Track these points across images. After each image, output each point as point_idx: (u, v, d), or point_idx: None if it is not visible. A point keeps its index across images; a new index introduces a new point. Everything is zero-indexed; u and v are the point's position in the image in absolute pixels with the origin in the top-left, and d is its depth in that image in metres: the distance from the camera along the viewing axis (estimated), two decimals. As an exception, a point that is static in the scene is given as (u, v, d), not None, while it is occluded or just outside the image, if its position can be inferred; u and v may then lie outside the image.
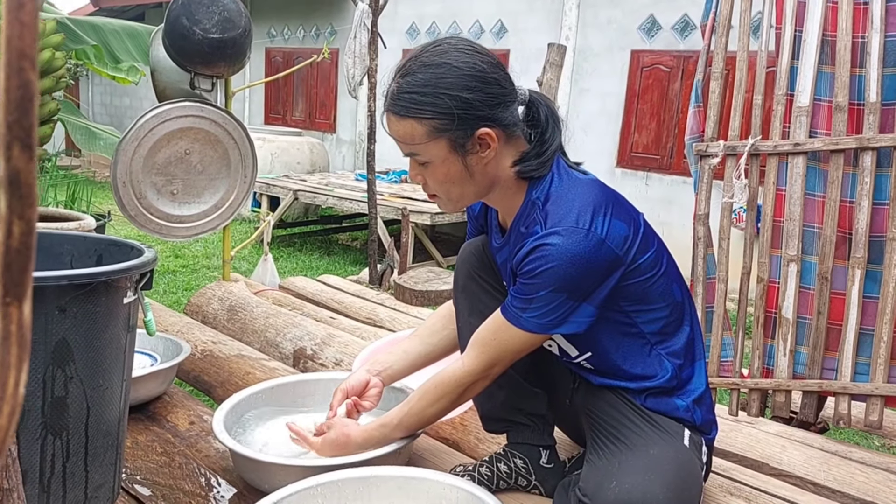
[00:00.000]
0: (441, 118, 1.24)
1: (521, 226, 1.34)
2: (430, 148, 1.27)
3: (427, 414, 1.47)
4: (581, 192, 1.29)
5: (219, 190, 2.83)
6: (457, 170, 1.29)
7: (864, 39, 2.04)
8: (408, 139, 1.28)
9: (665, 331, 1.39)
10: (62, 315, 1.20)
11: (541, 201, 1.31)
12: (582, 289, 1.25)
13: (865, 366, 2.10)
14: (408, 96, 1.25)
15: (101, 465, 1.34)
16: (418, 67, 1.26)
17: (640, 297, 1.34)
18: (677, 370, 1.40)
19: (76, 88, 13.15)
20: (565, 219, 1.25)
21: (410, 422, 1.48)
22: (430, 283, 4.05)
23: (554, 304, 1.26)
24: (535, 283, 1.25)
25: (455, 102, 1.24)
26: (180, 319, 2.64)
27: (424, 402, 1.46)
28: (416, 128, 1.26)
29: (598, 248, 1.23)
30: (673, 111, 6.62)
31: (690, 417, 1.40)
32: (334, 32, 9.43)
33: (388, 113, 1.29)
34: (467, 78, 1.25)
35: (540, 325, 1.29)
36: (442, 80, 1.24)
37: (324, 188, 6.92)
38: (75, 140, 4.83)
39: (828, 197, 2.10)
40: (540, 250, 1.24)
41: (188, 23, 2.51)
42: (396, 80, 1.28)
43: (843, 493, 1.74)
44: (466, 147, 1.27)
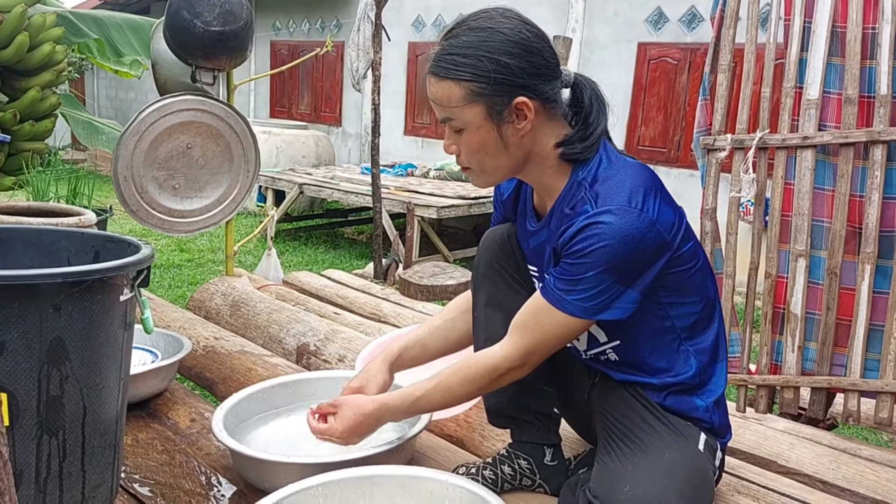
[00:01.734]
0: (479, 81, 1.23)
1: (566, 207, 1.31)
2: (466, 112, 1.26)
3: (456, 393, 1.40)
4: (631, 174, 1.28)
5: (221, 184, 2.82)
6: (491, 139, 1.28)
7: (874, 31, 2.00)
8: (445, 101, 1.27)
9: (696, 327, 1.38)
10: (57, 313, 1.18)
11: (587, 182, 1.29)
12: (630, 272, 1.23)
13: (875, 362, 2.07)
14: (449, 57, 1.25)
15: (99, 465, 1.32)
16: (463, 31, 1.26)
17: (678, 289, 1.33)
18: (702, 368, 1.38)
19: (81, 82, 13.16)
20: (617, 198, 1.23)
21: (436, 398, 1.41)
22: (435, 278, 4.03)
23: (601, 286, 1.23)
24: (585, 263, 1.22)
25: (495, 66, 1.23)
26: (182, 315, 2.63)
27: (455, 381, 1.39)
28: (454, 90, 1.25)
29: (650, 230, 1.21)
30: (680, 104, 6.57)
31: (709, 419, 1.38)
32: (339, 25, 9.39)
33: (429, 74, 1.28)
34: (510, 44, 1.24)
35: (585, 308, 1.25)
36: (485, 43, 1.24)
37: (329, 182, 6.90)
38: (77, 135, 4.82)
39: (837, 191, 2.07)
40: (591, 229, 1.21)
41: (189, 16, 2.49)
42: (440, 42, 1.28)
43: (852, 491, 1.71)
44: (503, 115, 1.26)
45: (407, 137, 8.94)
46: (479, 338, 1.52)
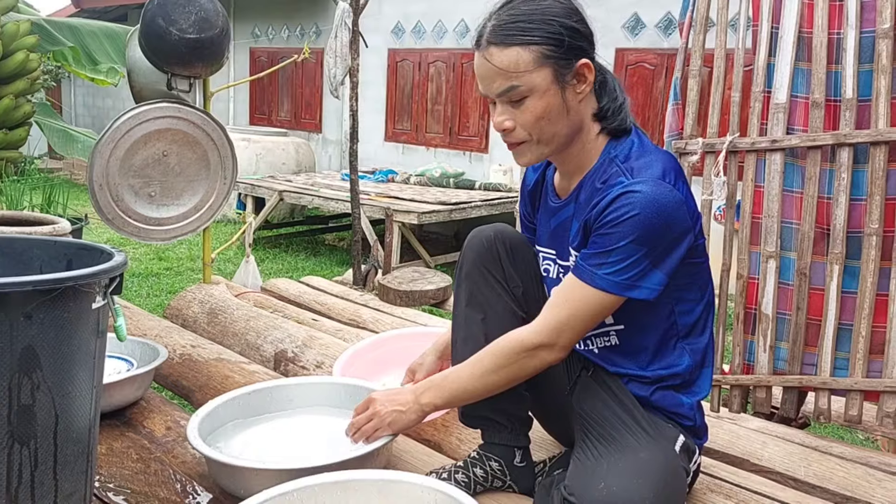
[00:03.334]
0: (550, 44, 1.28)
1: (598, 181, 1.35)
2: (535, 77, 1.28)
3: (486, 366, 1.39)
4: (663, 158, 1.34)
5: (198, 192, 2.81)
6: (556, 103, 1.31)
7: (839, 36, 2.05)
8: (513, 67, 1.28)
9: (694, 327, 1.42)
10: (28, 321, 1.18)
11: (620, 159, 1.33)
12: (659, 247, 1.26)
13: (845, 360, 2.11)
14: (514, 25, 1.28)
15: (72, 474, 1.31)
16: (519, 3, 1.31)
17: (686, 284, 1.37)
18: (692, 367, 1.42)
19: (58, 91, 13.05)
20: (652, 171, 1.28)
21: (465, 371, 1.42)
22: (414, 283, 4.04)
23: (632, 259, 1.26)
24: (618, 233, 1.25)
25: (563, 29, 1.28)
26: (159, 323, 2.62)
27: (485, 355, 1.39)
28: (523, 55, 1.27)
29: (679, 207, 1.27)
30: (657, 109, 6.64)
31: (692, 417, 1.41)
32: (319, 32, 9.39)
33: (489, 45, 1.29)
34: (570, 10, 1.32)
35: (615, 283, 1.28)
36: (548, 9, 1.29)
37: (309, 188, 6.89)
38: (52, 143, 4.79)
39: (805, 193, 2.10)
40: (626, 197, 1.25)
41: (164, 23, 2.48)
42: (495, 15, 1.31)
43: (822, 488, 1.74)
44: (566, 79, 1.30)
45: (387, 144, 8.95)
46: (457, 336, 1.54)
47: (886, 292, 2.02)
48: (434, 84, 8.32)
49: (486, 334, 1.49)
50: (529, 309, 1.52)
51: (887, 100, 1.97)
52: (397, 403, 1.48)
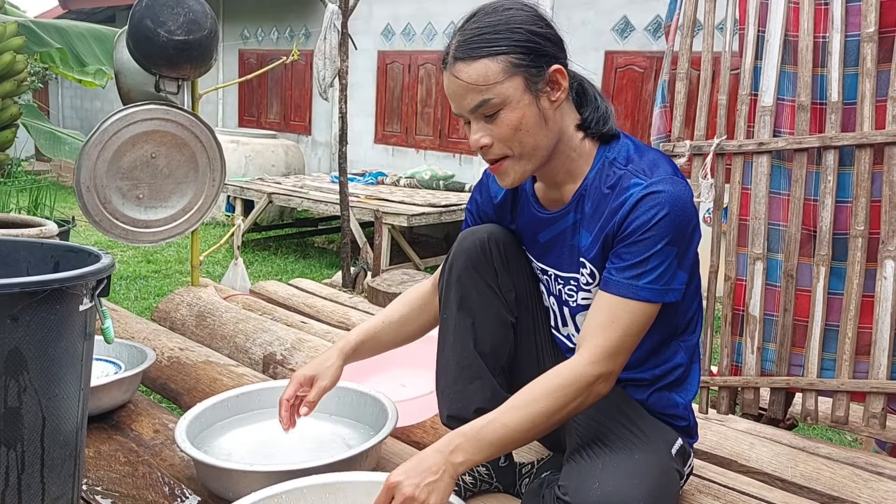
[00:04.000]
0: (517, 52, 1.23)
1: (603, 186, 1.30)
2: (506, 88, 1.24)
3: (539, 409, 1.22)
4: (661, 156, 1.32)
5: (186, 194, 2.80)
6: (532, 113, 1.26)
7: (825, 39, 2.06)
8: (482, 80, 1.24)
9: (690, 324, 1.41)
10: (14, 324, 1.17)
11: (621, 162, 1.30)
12: (683, 245, 1.24)
13: (832, 361, 2.12)
14: (479, 38, 1.24)
15: (59, 477, 1.31)
16: (483, 15, 1.27)
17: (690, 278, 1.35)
18: (686, 365, 1.42)
19: (45, 93, 12.97)
20: (664, 169, 1.26)
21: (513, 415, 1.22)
22: (403, 286, 4.04)
23: (668, 261, 1.23)
24: (652, 237, 1.22)
25: (529, 37, 1.24)
26: (147, 326, 2.61)
27: (536, 394, 1.23)
28: (491, 66, 1.23)
29: (692, 203, 1.25)
30: (647, 111, 6.67)
31: (686, 416, 1.41)
32: (308, 34, 9.38)
33: (457, 62, 1.25)
34: (535, 17, 1.27)
35: (656, 291, 1.24)
36: (512, 18, 1.25)
37: (299, 191, 6.88)
38: (39, 145, 4.75)
39: (792, 195, 2.12)
40: (653, 198, 1.22)
41: (152, 24, 2.47)
42: (460, 31, 1.28)
43: (809, 488, 1.75)
44: (539, 86, 1.26)
45: (377, 146, 8.94)
46: (445, 340, 1.50)
47: (872, 293, 2.04)
48: (424, 86, 8.33)
49: (475, 340, 1.46)
50: (520, 314, 1.51)
51: (872, 103, 1.98)
52: (428, 473, 1.17)
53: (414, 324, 1.62)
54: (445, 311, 1.51)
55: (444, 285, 1.52)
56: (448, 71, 1.28)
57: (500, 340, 1.49)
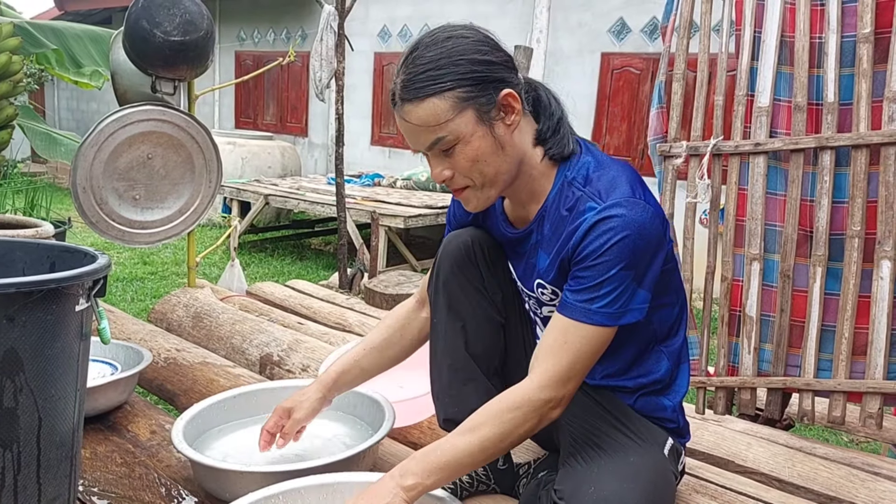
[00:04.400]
0: (463, 86, 1.20)
1: (562, 208, 1.28)
2: (458, 124, 1.21)
3: (486, 435, 1.22)
4: (622, 169, 1.28)
5: (182, 195, 2.80)
6: (488, 143, 1.23)
7: (821, 40, 2.07)
8: (432, 120, 1.21)
9: (672, 329, 1.40)
10: (10, 324, 1.17)
11: (580, 182, 1.27)
12: (641, 267, 1.21)
13: (828, 362, 2.12)
14: (422, 76, 1.21)
15: (55, 478, 1.30)
16: (423, 51, 1.23)
17: (662, 289, 1.33)
18: (671, 369, 1.41)
19: (41, 94, 12.95)
20: (621, 191, 1.22)
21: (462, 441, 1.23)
22: (400, 287, 4.04)
23: (623, 285, 1.20)
24: (604, 262, 1.19)
25: (473, 66, 1.21)
26: (143, 327, 2.60)
27: (483, 419, 1.23)
28: (439, 105, 1.20)
29: (653, 221, 1.21)
30: (643, 113, 6.67)
31: (675, 419, 1.41)
32: (304, 35, 9.38)
33: (404, 104, 1.23)
34: (477, 43, 1.23)
35: (609, 315, 1.21)
36: (454, 49, 1.22)
37: (295, 192, 6.87)
38: (35, 147, 4.74)
39: (789, 196, 2.12)
40: (605, 223, 1.19)
41: (149, 25, 2.47)
42: (403, 69, 1.24)
43: (807, 488, 1.75)
44: (491, 115, 1.23)
45: (374, 147, 8.94)
46: (437, 345, 1.51)
47: (869, 294, 2.04)
48: (420, 88, 8.31)
49: (466, 342, 1.47)
50: (508, 315, 1.51)
51: (868, 103, 1.99)
52: (380, 498, 1.19)
53: (396, 346, 1.62)
54: (435, 315, 1.52)
55: (432, 290, 1.52)
56: (397, 112, 1.26)
57: (491, 342, 1.49)
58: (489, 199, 1.31)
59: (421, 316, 1.61)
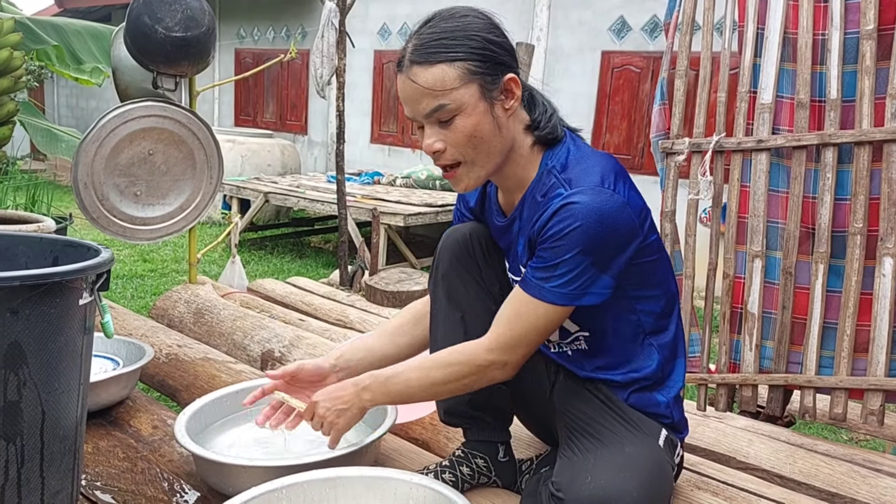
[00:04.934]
0: (474, 59, 1.24)
1: (538, 195, 1.32)
2: (462, 94, 1.25)
3: (433, 377, 1.36)
4: (600, 160, 1.31)
5: (184, 191, 2.79)
6: (487, 120, 1.27)
7: (824, 37, 2.07)
8: (438, 85, 1.24)
9: (659, 321, 1.41)
10: (14, 317, 1.17)
11: (557, 169, 1.31)
12: (605, 254, 1.24)
13: (830, 359, 2.12)
14: (436, 42, 1.24)
15: (58, 471, 1.30)
16: (439, 21, 1.27)
17: (643, 281, 1.35)
18: (663, 363, 1.41)
19: (41, 91, 12.93)
20: (590, 179, 1.26)
21: (412, 375, 1.38)
22: (401, 284, 4.04)
23: (578, 269, 1.24)
24: (562, 246, 1.23)
25: (485, 45, 1.25)
26: (145, 323, 2.60)
27: (433, 363, 1.37)
28: (448, 71, 1.24)
29: (623, 210, 1.24)
30: (643, 111, 6.68)
31: (670, 414, 1.41)
32: (304, 33, 9.37)
33: (413, 65, 1.25)
34: (490, 25, 1.28)
35: (563, 294, 1.26)
36: (469, 25, 1.26)
37: (295, 190, 6.86)
38: (36, 142, 4.73)
39: (791, 193, 2.12)
40: (566, 209, 1.23)
41: (150, 21, 2.47)
42: (417, 35, 1.28)
43: (808, 485, 1.75)
44: (494, 94, 1.27)
45: (373, 145, 8.94)
46: (436, 336, 1.53)
47: (871, 291, 2.04)
48: (420, 86, 8.31)
49: (465, 332, 1.48)
50: None
51: (871, 100, 1.99)
52: (340, 402, 1.39)
53: (409, 335, 1.63)
54: (435, 306, 1.55)
55: (432, 283, 1.56)
56: (404, 74, 1.28)
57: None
58: (479, 180, 1.34)
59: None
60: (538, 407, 1.58)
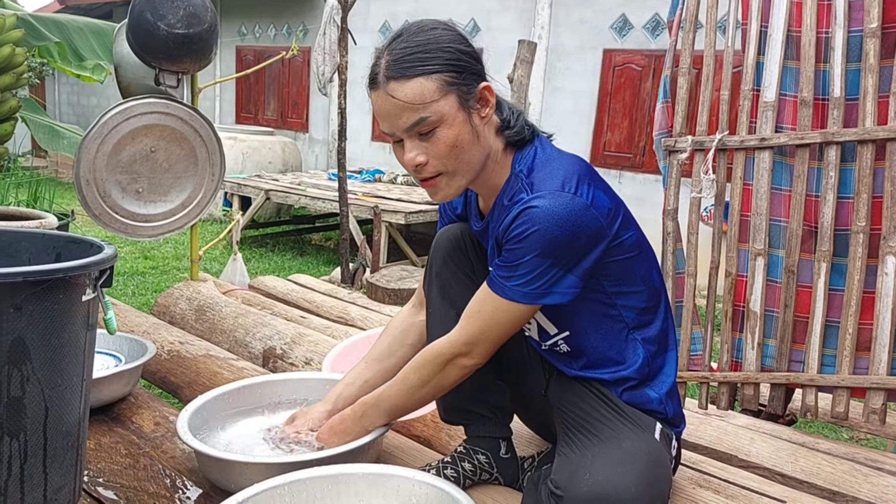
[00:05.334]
0: (450, 70, 1.25)
1: (505, 199, 1.35)
2: (442, 106, 1.25)
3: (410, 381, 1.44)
4: (565, 163, 1.33)
5: (185, 188, 2.79)
6: (466, 130, 1.28)
7: (827, 35, 2.07)
8: (418, 99, 1.25)
9: (643, 316, 1.41)
10: (18, 313, 1.17)
11: (524, 174, 1.33)
12: (567, 255, 1.26)
13: (832, 357, 2.12)
14: (411, 56, 1.25)
15: (61, 467, 1.30)
16: (409, 36, 1.28)
17: (622, 277, 1.36)
18: (650, 358, 1.41)
19: (42, 88, 12.92)
20: (550, 184, 1.27)
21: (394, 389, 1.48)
22: (402, 282, 4.04)
23: (539, 270, 1.26)
24: (521, 248, 1.25)
25: (459, 55, 1.27)
26: (146, 320, 2.60)
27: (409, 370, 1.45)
28: (426, 84, 1.25)
29: (584, 212, 1.25)
30: (644, 110, 6.67)
31: (663, 409, 1.41)
32: (306, 31, 9.37)
33: (389, 81, 1.26)
34: (459, 37, 1.30)
35: (524, 293, 1.28)
36: (440, 38, 1.27)
37: (296, 188, 6.86)
38: (38, 139, 4.72)
39: (794, 191, 2.12)
40: (526, 214, 1.25)
41: (152, 18, 2.47)
42: (388, 51, 1.28)
43: (809, 483, 1.75)
44: (470, 104, 1.29)
45: (374, 143, 8.94)
46: (433, 332, 1.54)
47: (873, 290, 2.04)
48: (422, 84, 8.31)
49: None
50: None
51: (874, 99, 1.99)
52: (346, 435, 1.52)
53: (398, 354, 1.66)
54: (430, 305, 1.57)
55: (426, 282, 1.59)
56: (381, 90, 1.28)
57: None
58: (459, 189, 1.36)
59: (419, 319, 1.66)
60: (535, 404, 1.58)
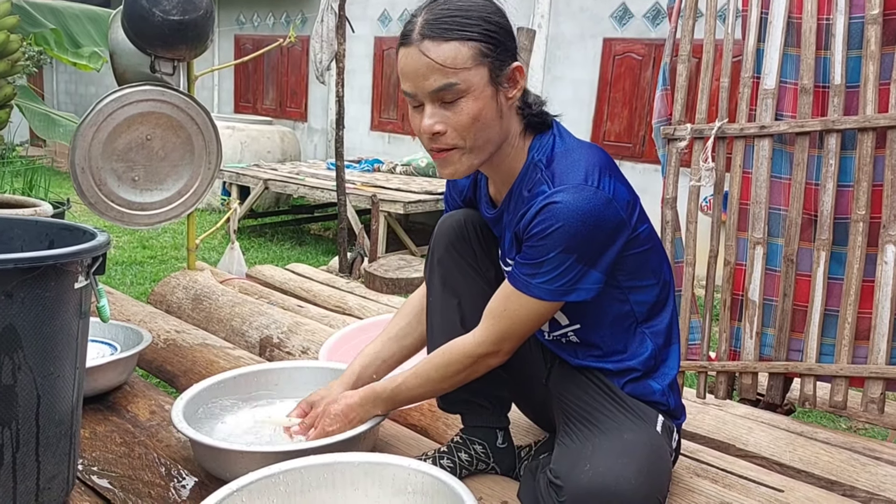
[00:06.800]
0: (488, 42, 1.21)
1: (524, 189, 1.31)
2: (473, 76, 1.21)
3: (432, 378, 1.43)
4: (586, 153, 1.29)
5: (182, 177, 2.77)
6: (492, 106, 1.24)
7: (828, 21, 2.05)
8: (450, 63, 1.20)
9: (653, 310, 1.40)
10: (9, 300, 1.16)
11: (543, 163, 1.30)
12: (591, 251, 1.23)
13: (831, 346, 2.12)
14: (452, 19, 1.20)
15: (54, 456, 1.30)
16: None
17: (636, 271, 1.34)
18: (657, 350, 1.40)
19: (39, 77, 12.86)
20: (573, 176, 1.24)
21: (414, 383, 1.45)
22: (400, 271, 4.03)
23: (564, 267, 1.24)
24: (545, 245, 1.23)
25: (498, 28, 1.23)
26: (143, 309, 2.59)
27: (430, 367, 1.42)
28: (462, 50, 1.20)
29: (607, 207, 1.22)
30: (644, 99, 6.64)
31: (666, 401, 1.41)
32: (304, 19, 9.32)
33: (425, 39, 1.20)
34: (500, 12, 1.26)
35: (550, 291, 1.26)
36: (484, 7, 1.23)
37: (295, 177, 6.84)
38: (34, 127, 4.69)
39: (793, 179, 2.11)
40: (548, 209, 1.22)
41: (147, 4, 2.44)
42: (428, 9, 1.23)
43: (808, 472, 1.75)
44: (500, 80, 1.25)
45: (373, 133, 8.91)
46: (433, 322, 1.53)
47: (872, 278, 2.03)
48: (421, 73, 8.27)
49: (462, 318, 1.48)
50: None
51: (875, 86, 1.97)
52: (349, 421, 1.50)
53: (414, 334, 1.64)
54: (431, 293, 1.54)
55: (428, 269, 1.56)
56: (413, 46, 1.22)
57: None
58: (470, 168, 1.31)
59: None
60: (536, 394, 1.57)
